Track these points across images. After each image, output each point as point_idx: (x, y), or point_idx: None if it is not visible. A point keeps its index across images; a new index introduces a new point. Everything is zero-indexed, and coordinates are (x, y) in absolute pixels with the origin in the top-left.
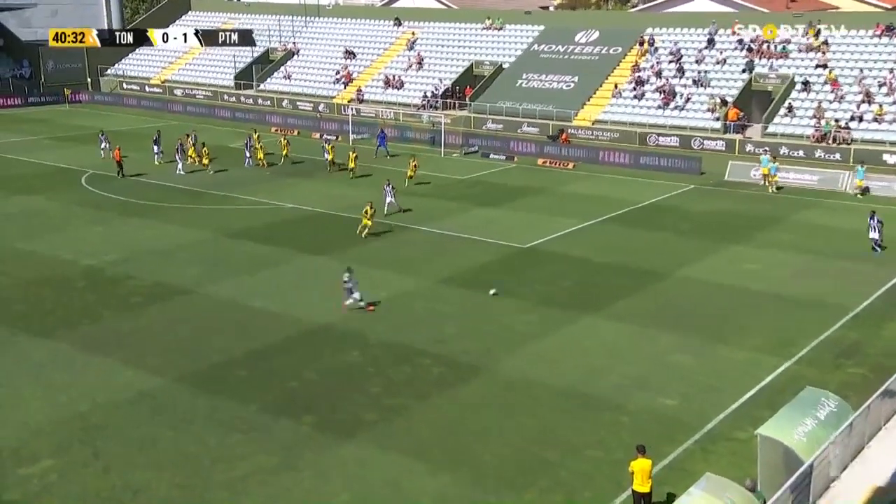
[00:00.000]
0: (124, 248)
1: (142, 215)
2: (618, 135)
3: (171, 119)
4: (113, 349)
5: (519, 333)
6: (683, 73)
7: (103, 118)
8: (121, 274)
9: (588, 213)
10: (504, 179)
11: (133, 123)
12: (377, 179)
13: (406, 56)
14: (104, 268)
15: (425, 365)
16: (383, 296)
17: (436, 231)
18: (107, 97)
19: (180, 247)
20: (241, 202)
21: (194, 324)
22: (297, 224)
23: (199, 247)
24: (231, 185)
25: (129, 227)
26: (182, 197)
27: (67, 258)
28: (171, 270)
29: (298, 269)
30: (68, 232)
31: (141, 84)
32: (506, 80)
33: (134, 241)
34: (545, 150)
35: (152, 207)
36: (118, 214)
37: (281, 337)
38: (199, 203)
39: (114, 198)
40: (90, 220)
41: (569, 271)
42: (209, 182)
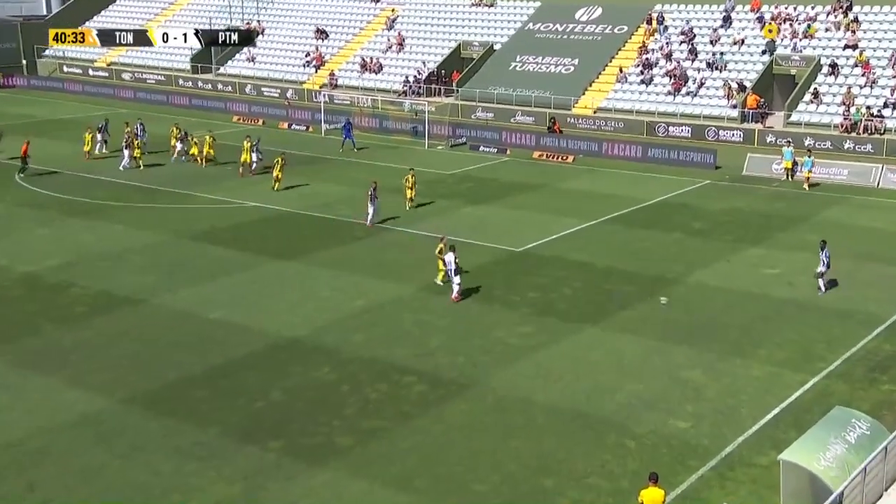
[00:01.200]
0: (67, 252)
1: (88, 215)
2: (623, 125)
3: (119, 107)
4: (54, 366)
5: (513, 347)
6: (696, 55)
7: (41, 105)
8: (63, 281)
9: (590, 212)
10: (496, 175)
11: (76, 111)
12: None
13: (385, 36)
14: (44, 274)
15: (407, 382)
16: (360, 304)
17: (420, 233)
18: (45, 81)
19: (131, 251)
20: (201, 200)
21: (147, 337)
22: (265, 225)
23: (152, 250)
24: (191, 181)
25: (73, 229)
26: (134, 195)
27: (2, 264)
28: (121, 277)
29: (265, 276)
30: (3, 235)
31: (84, 67)
32: (497, 64)
33: (78, 245)
34: (541, 141)
35: (100, 207)
36: (60, 214)
37: (244, 352)
38: (153, 202)
39: (55, 196)
40: (28, 221)
41: (569, 277)
42: (166, 178)
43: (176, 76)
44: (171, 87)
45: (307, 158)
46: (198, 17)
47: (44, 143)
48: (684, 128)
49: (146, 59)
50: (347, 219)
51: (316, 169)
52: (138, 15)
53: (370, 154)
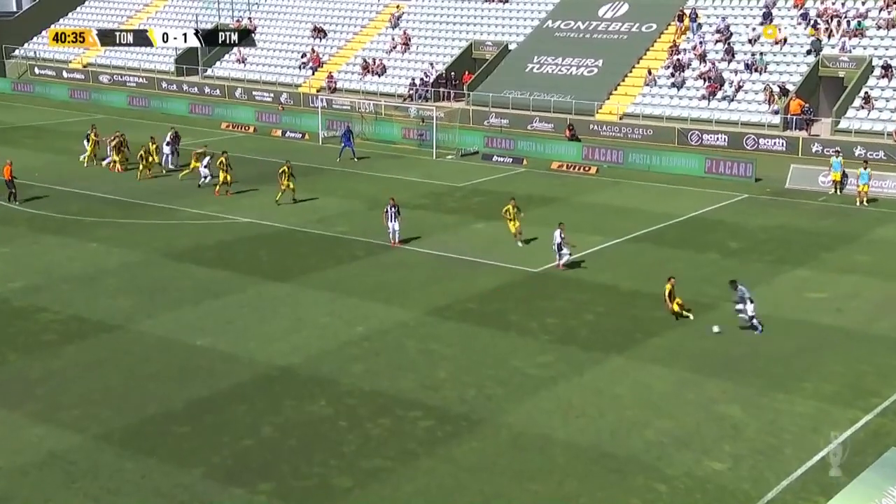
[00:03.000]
0: (35, 272)
1: (58, 232)
2: (651, 132)
3: (95, 111)
4: (19, 400)
5: (530, 378)
6: (734, 56)
7: (10, 111)
8: (30, 306)
9: (614, 228)
10: (510, 187)
11: (49, 118)
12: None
13: (389, 35)
14: (9, 297)
15: (412, 417)
16: (360, 331)
17: (427, 251)
18: (15, 85)
19: (106, 271)
20: (185, 216)
21: (123, 368)
22: (256, 243)
23: (130, 271)
24: (174, 194)
25: (42, 247)
26: (111, 209)
27: None
28: (95, 301)
29: (255, 299)
30: None
31: (58, 69)
32: (512, 65)
33: (47, 265)
34: (561, 150)
35: (72, 222)
36: (28, 230)
37: (232, 383)
38: (132, 216)
39: (22, 210)
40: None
41: (592, 301)
42: (147, 191)
43: (159, 79)
44: (153, 90)
45: (303, 169)
46: (182, 14)
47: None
48: (720, 136)
49: (126, 60)
50: (346, 236)
51: (312, 181)
52: (118, 11)
53: (371, 164)
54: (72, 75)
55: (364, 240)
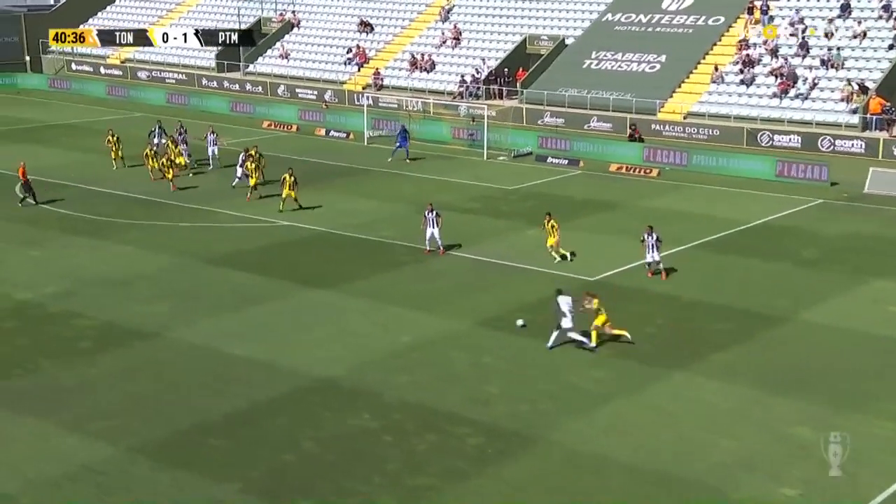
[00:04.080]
0: (68, 277)
1: (92, 234)
2: (718, 132)
3: (132, 109)
4: (51, 409)
5: (585, 394)
6: (808, 51)
7: (47, 108)
8: (64, 311)
9: (677, 235)
10: (566, 190)
11: (86, 115)
12: (396, 190)
13: (439, 29)
14: (42, 303)
15: (460, 433)
16: (405, 341)
17: (476, 257)
18: (52, 81)
19: (142, 276)
20: (223, 218)
21: (158, 377)
22: (296, 247)
23: (166, 276)
24: (212, 196)
25: (76, 250)
26: (145, 210)
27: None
28: (130, 307)
29: (295, 307)
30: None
31: (95, 65)
32: (569, 61)
33: (81, 269)
34: (621, 151)
35: (105, 224)
36: (61, 233)
37: (271, 395)
38: (167, 219)
39: (55, 211)
40: (24, 241)
41: (652, 313)
42: (184, 193)
43: (199, 75)
44: (193, 87)
45: (346, 170)
46: (223, 9)
47: (45, 151)
48: (793, 136)
49: (165, 56)
50: (390, 240)
51: (356, 182)
52: (157, 5)
53: (418, 165)
54: (109, 71)
55: (409, 245)
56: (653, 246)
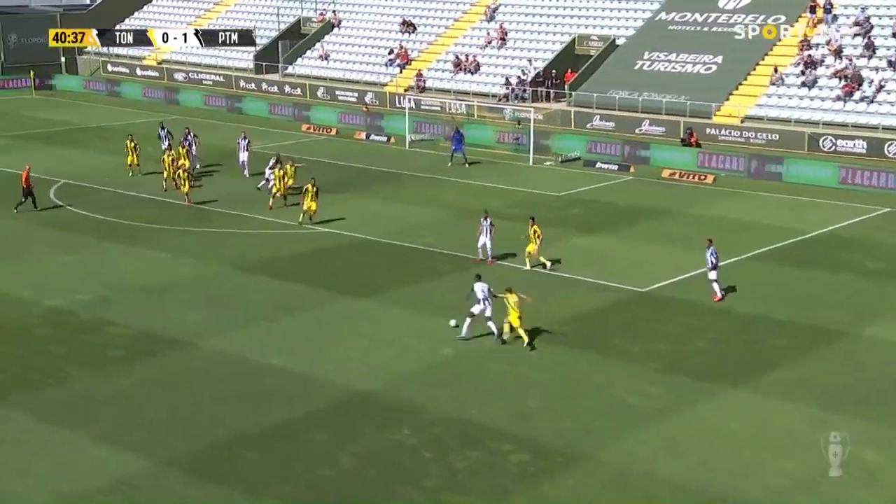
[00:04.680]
0: (102, 284)
1: (127, 241)
2: (778, 137)
3: (168, 112)
4: (83, 420)
5: (634, 410)
6: (874, 52)
7: (81, 110)
8: (97, 319)
9: (732, 245)
10: (616, 197)
11: (121, 117)
12: (438, 195)
13: (484, 29)
14: (75, 310)
15: (503, 450)
16: (447, 353)
17: (520, 267)
18: (87, 82)
19: (177, 283)
20: (260, 224)
21: (193, 388)
22: (335, 255)
23: (202, 284)
24: (249, 201)
25: (110, 256)
26: (181, 216)
27: (26, 297)
28: (165, 315)
29: (333, 316)
30: (28, 262)
31: (131, 66)
32: (620, 62)
33: (115, 275)
34: (674, 157)
35: (141, 230)
36: (95, 239)
37: (307, 407)
38: (205, 225)
39: (91, 216)
40: (58, 247)
41: (706, 326)
42: (220, 197)
43: (237, 77)
44: (230, 89)
45: (386, 175)
46: (262, 7)
47: (79, 154)
48: (857, 141)
49: (202, 57)
50: (432, 248)
51: (396, 187)
52: (195, 4)
53: (461, 171)
54: (146, 73)
55: (451, 253)
56: (709, 262)
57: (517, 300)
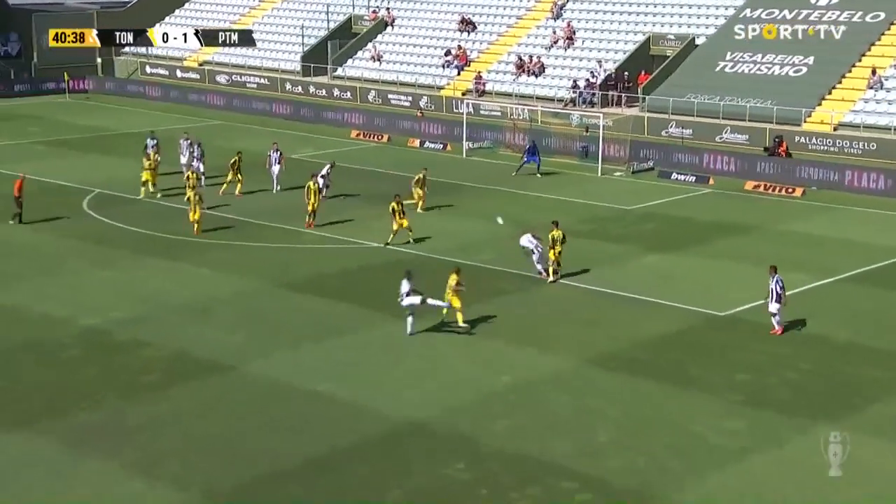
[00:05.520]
0: (139, 301)
1: (165, 255)
2: (875, 146)
3: (208, 118)
4: (117, 448)
5: (715, 448)
6: None
7: (117, 115)
8: (132, 339)
9: (824, 265)
10: (693, 212)
11: (159, 122)
12: (497, 208)
13: (550, 28)
14: (110, 330)
15: (567, 489)
16: (506, 381)
17: (588, 287)
18: (124, 85)
19: (218, 301)
20: (306, 238)
21: (232, 415)
22: (386, 272)
23: (244, 302)
24: (295, 213)
25: (147, 272)
26: (222, 229)
27: (59, 315)
28: (204, 336)
29: (383, 339)
30: (62, 277)
31: (171, 67)
32: (700, 63)
33: (153, 292)
34: (759, 167)
35: (181, 244)
36: (132, 253)
37: (355, 438)
38: (249, 239)
39: (128, 229)
40: (93, 261)
41: (794, 355)
42: (260, 210)
43: (283, 79)
44: (275, 92)
45: (442, 186)
46: (310, 5)
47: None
48: None
49: (247, 59)
50: (491, 266)
51: (452, 200)
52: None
53: (524, 182)
54: (186, 75)
55: (513, 271)
56: (774, 292)
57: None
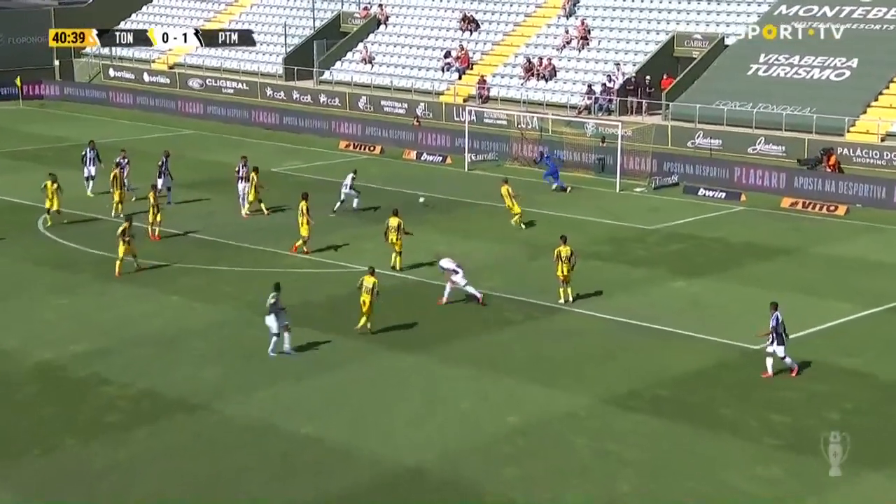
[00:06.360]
0: (101, 332)
1: (131, 280)
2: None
3: (180, 127)
4: (77, 496)
5: (749, 498)
6: None
7: (78, 123)
8: (94, 375)
9: (871, 293)
10: (723, 232)
11: (125, 132)
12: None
13: (562, 26)
14: (68, 364)
15: None
16: (513, 422)
17: (606, 316)
18: (85, 90)
19: (190, 333)
20: (289, 261)
21: (207, 460)
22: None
23: (219, 333)
24: (275, 234)
25: (111, 300)
26: (196, 252)
27: (11, 347)
28: (174, 371)
29: (376, 375)
30: (16, 305)
31: (137, 70)
32: (730, 66)
33: (116, 322)
34: (796, 182)
35: (148, 268)
36: (94, 278)
37: (345, 485)
38: (222, 262)
39: (88, 252)
40: (49, 288)
41: (837, 394)
42: (239, 230)
43: (263, 84)
44: (256, 98)
45: (442, 203)
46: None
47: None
48: None
49: (222, 60)
50: (497, 293)
51: (454, 218)
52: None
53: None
54: (155, 79)
55: (521, 299)
56: (775, 332)
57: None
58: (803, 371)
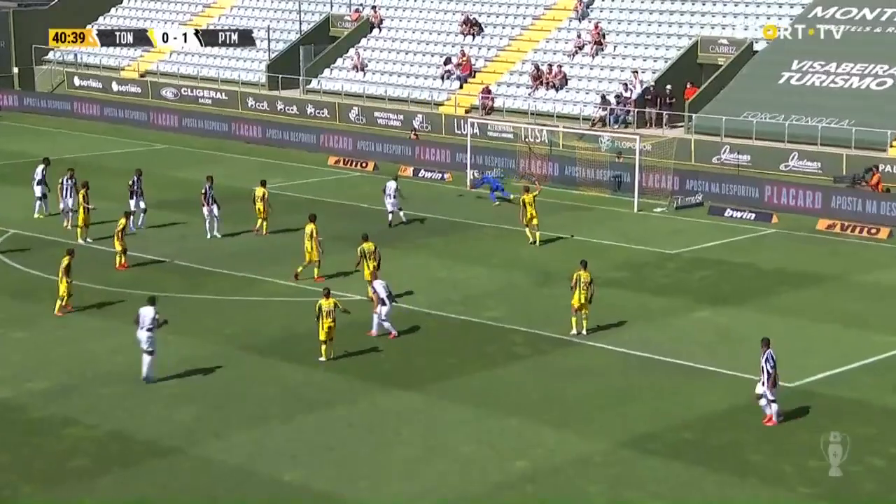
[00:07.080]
0: (63, 369)
1: (99, 311)
2: None
3: (151, 140)
4: None
5: None
6: None
7: (39, 137)
8: (54, 416)
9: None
10: (752, 256)
11: (90, 146)
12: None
13: (574, 30)
14: (26, 404)
15: None
16: (521, 467)
17: (622, 350)
18: (47, 101)
19: (161, 368)
20: (272, 289)
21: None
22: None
23: (194, 370)
24: (257, 258)
25: (74, 332)
26: (169, 279)
27: None
28: (144, 412)
29: (368, 416)
30: None
31: (105, 79)
32: (759, 74)
33: (81, 358)
34: (833, 202)
35: (118, 297)
36: (55, 309)
37: None
38: (198, 290)
39: (50, 279)
40: (6, 319)
41: (882, 437)
42: (218, 255)
43: (244, 94)
44: (236, 110)
45: (442, 225)
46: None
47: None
48: None
49: (199, 67)
50: (502, 324)
51: (455, 242)
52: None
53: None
54: (124, 87)
55: (529, 330)
56: (764, 373)
57: (331, 310)
58: (850, 409)
